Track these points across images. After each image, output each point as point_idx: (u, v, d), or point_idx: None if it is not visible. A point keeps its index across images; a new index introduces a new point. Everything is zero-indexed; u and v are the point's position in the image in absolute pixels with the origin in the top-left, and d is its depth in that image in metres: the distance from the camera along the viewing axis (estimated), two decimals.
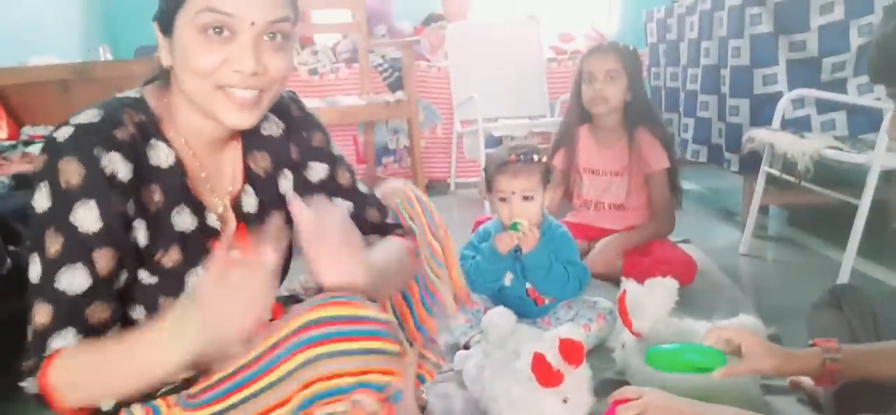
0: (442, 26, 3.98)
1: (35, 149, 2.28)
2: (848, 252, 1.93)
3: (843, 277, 1.91)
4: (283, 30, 0.86)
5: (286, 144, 1.04)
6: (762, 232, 2.72)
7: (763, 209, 2.71)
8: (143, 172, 0.87)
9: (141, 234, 0.86)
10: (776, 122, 2.41)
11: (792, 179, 2.21)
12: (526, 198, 1.64)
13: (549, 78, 3.79)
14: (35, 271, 0.82)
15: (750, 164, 2.53)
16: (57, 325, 0.82)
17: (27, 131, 2.57)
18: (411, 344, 1.10)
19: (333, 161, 1.07)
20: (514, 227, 1.61)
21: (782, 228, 2.85)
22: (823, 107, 2.46)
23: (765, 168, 2.38)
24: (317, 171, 1.06)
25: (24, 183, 1.82)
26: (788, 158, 2.11)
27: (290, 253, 1.06)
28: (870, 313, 1.18)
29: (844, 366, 1.03)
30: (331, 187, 1.06)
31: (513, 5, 4.36)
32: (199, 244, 0.92)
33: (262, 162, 1.01)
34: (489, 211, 3.00)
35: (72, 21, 3.83)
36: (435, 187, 3.85)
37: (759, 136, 2.30)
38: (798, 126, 2.41)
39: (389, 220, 1.11)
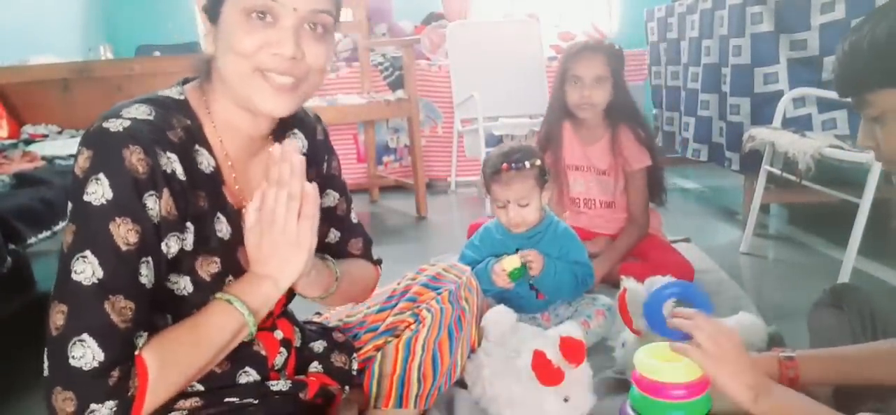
0: (442, 25, 3.98)
1: (36, 148, 2.28)
2: (849, 251, 1.92)
3: (844, 276, 1.91)
4: (324, 22, 0.88)
5: (309, 163, 1.03)
6: (763, 231, 2.72)
7: (764, 208, 2.71)
8: (193, 175, 0.87)
9: (189, 237, 0.86)
10: (777, 120, 2.41)
11: (793, 177, 2.21)
12: (522, 204, 1.64)
13: (550, 77, 3.78)
14: (89, 270, 0.76)
15: (751, 162, 2.53)
16: (141, 321, 0.80)
17: (28, 130, 2.57)
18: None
19: (342, 191, 1.13)
20: (513, 274, 1.61)
21: (783, 226, 2.85)
22: (824, 106, 2.46)
23: (765, 167, 2.37)
24: (329, 198, 1.11)
25: (25, 182, 1.82)
26: (789, 156, 2.10)
27: None
28: (869, 313, 1.18)
29: (803, 372, 1.03)
30: (331, 215, 1.11)
31: (513, 4, 4.36)
32: (232, 252, 0.92)
33: None
34: (489, 211, 3.01)
35: (72, 20, 3.84)
36: (435, 186, 3.85)
37: (759, 134, 2.30)
38: (799, 125, 2.41)
39: (372, 254, 1.21)
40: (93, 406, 0.75)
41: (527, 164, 1.63)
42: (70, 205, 0.79)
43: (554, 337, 1.20)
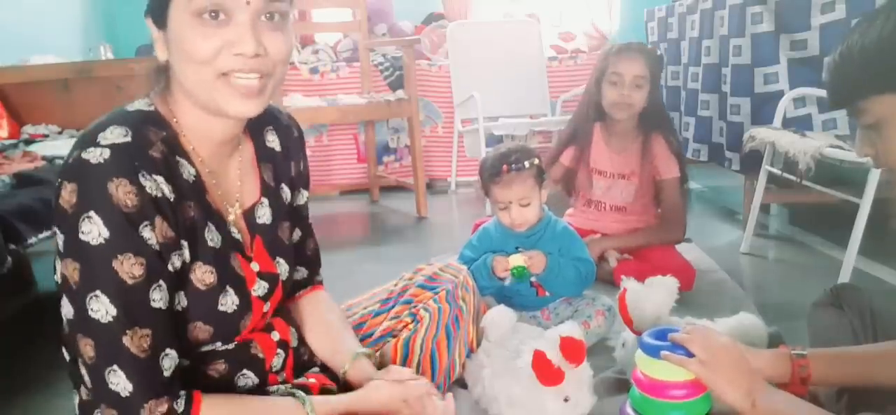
0: (442, 25, 3.98)
1: (36, 148, 2.28)
2: (849, 251, 1.92)
3: (845, 276, 1.91)
4: (280, 9, 0.84)
5: (286, 160, 1.05)
6: (763, 231, 2.72)
7: (764, 208, 2.71)
8: (180, 188, 0.85)
9: (186, 252, 0.85)
10: (777, 120, 2.41)
11: (793, 177, 2.20)
12: (523, 204, 1.64)
13: (550, 77, 3.79)
14: (103, 310, 0.77)
15: (751, 163, 2.53)
16: (162, 344, 0.81)
17: (28, 130, 2.57)
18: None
19: (308, 191, 1.12)
20: (516, 273, 1.61)
21: (783, 227, 2.85)
22: (825, 105, 2.46)
23: (766, 167, 2.37)
24: (301, 197, 1.10)
25: (26, 182, 1.82)
26: (789, 156, 2.10)
27: (289, 275, 1.06)
28: (870, 313, 1.18)
29: (814, 370, 1.03)
30: (301, 214, 1.10)
31: (513, 4, 4.36)
32: (226, 259, 0.91)
33: (267, 173, 1.02)
34: (489, 211, 3.01)
35: (73, 20, 3.84)
36: (435, 186, 3.85)
37: (760, 134, 2.30)
38: (799, 125, 2.41)
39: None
40: None
41: (526, 164, 1.63)
42: (62, 237, 0.79)
43: (554, 337, 1.20)
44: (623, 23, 4.27)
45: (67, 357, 0.92)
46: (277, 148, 1.04)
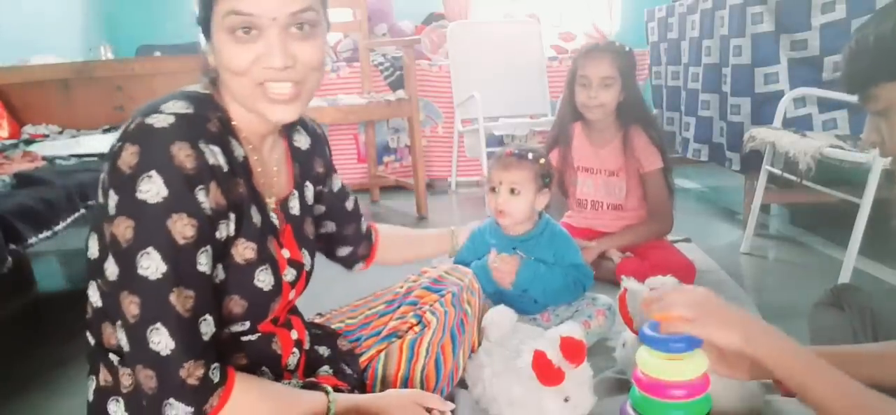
0: (443, 25, 3.98)
1: (36, 148, 2.28)
2: (849, 251, 1.92)
3: (845, 277, 1.91)
4: (309, 19, 0.88)
5: (312, 157, 1.12)
6: (763, 231, 2.72)
7: (764, 208, 2.71)
8: (232, 164, 0.89)
9: (231, 225, 0.88)
10: (777, 120, 2.41)
11: (793, 178, 2.21)
12: (513, 191, 1.63)
13: (550, 77, 3.79)
14: (153, 266, 0.79)
15: (751, 163, 2.53)
16: (203, 308, 0.83)
17: (28, 130, 2.57)
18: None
19: (336, 171, 1.24)
20: None
21: (784, 227, 2.85)
22: (825, 106, 2.46)
23: (766, 167, 2.37)
24: (336, 181, 1.22)
25: (26, 182, 1.82)
26: (790, 156, 2.10)
27: (311, 267, 1.09)
28: (870, 313, 1.18)
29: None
30: (344, 194, 1.24)
31: (513, 4, 4.36)
32: (264, 240, 0.94)
33: (297, 169, 1.08)
34: (488, 211, 3.01)
35: (73, 20, 3.84)
36: (436, 186, 3.85)
37: (760, 134, 2.30)
38: (799, 125, 2.41)
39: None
40: (172, 400, 0.81)
41: (530, 155, 1.64)
42: (116, 197, 0.80)
43: (554, 337, 1.19)
44: (623, 23, 4.28)
45: (92, 341, 0.94)
46: (303, 147, 1.10)
